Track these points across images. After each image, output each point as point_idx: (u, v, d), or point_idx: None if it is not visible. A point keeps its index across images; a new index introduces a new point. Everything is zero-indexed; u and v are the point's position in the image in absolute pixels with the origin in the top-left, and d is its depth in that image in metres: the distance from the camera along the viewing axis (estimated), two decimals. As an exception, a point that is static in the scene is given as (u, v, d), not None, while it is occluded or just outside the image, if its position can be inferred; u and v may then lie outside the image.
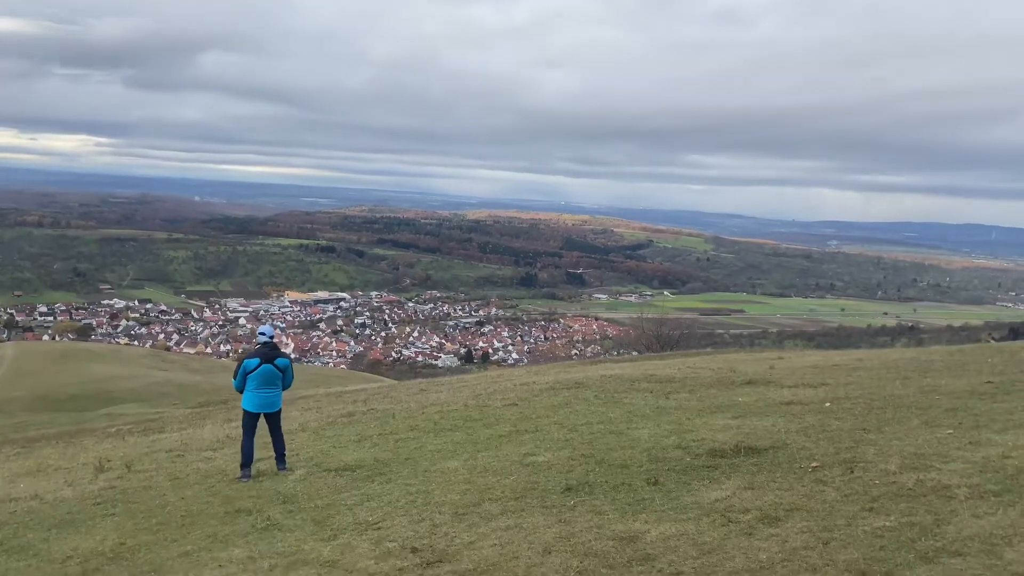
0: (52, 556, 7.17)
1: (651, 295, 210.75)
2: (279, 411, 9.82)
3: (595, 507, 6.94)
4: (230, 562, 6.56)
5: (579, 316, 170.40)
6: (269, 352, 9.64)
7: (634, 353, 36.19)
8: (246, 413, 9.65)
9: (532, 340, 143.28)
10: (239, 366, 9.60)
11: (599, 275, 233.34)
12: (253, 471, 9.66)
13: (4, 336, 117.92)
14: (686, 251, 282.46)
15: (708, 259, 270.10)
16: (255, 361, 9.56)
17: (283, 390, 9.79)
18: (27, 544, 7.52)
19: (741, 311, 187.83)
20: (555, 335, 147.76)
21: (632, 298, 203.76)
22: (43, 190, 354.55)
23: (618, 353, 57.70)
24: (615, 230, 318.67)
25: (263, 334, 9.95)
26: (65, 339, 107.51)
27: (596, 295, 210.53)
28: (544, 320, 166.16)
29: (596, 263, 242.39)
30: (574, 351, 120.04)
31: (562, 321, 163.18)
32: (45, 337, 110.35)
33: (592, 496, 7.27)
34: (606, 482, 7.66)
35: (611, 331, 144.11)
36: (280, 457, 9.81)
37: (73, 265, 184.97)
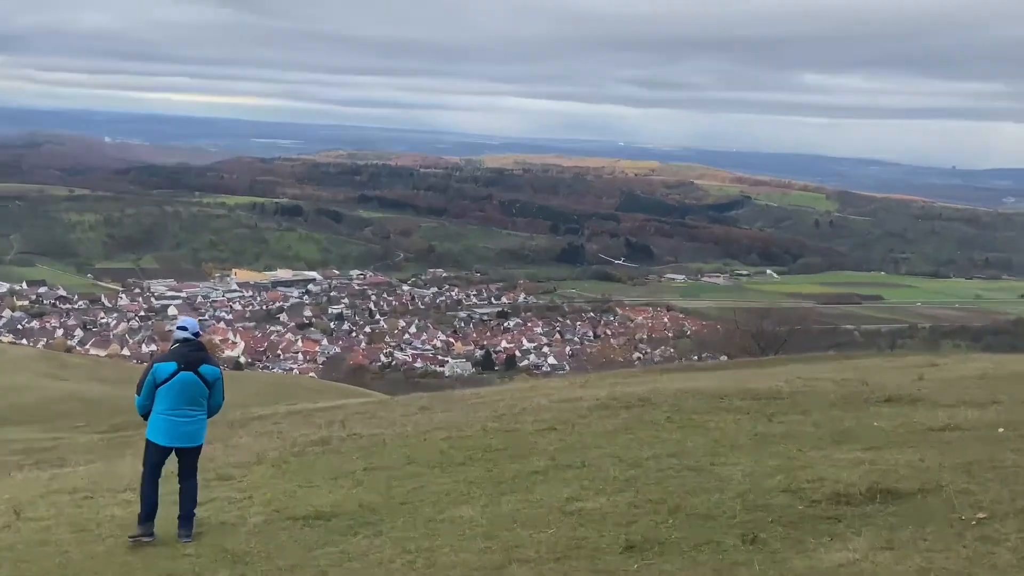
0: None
1: (748, 275, 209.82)
2: (199, 447, 9.55)
3: (667, 573, 6.92)
4: (159, 645, 6.68)
5: (644, 305, 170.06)
6: (191, 355, 9.35)
7: (723, 358, 36.04)
8: (152, 447, 9.36)
9: (577, 339, 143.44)
10: (145, 374, 9.32)
11: (673, 247, 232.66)
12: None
13: None
14: (799, 212, 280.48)
15: (831, 223, 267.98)
16: (170, 367, 9.25)
17: (208, 416, 9.53)
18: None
19: (878, 298, 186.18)
20: (609, 332, 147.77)
21: (720, 279, 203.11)
22: None
23: (700, 358, 57.51)
24: (696, 183, 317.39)
25: (183, 328, 9.62)
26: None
27: (669, 275, 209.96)
28: (594, 311, 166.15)
29: (669, 229, 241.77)
30: (637, 355, 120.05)
31: (619, 312, 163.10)
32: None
33: (663, 558, 7.25)
34: (683, 539, 7.63)
35: (690, 326, 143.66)
36: (186, 519, 9.39)
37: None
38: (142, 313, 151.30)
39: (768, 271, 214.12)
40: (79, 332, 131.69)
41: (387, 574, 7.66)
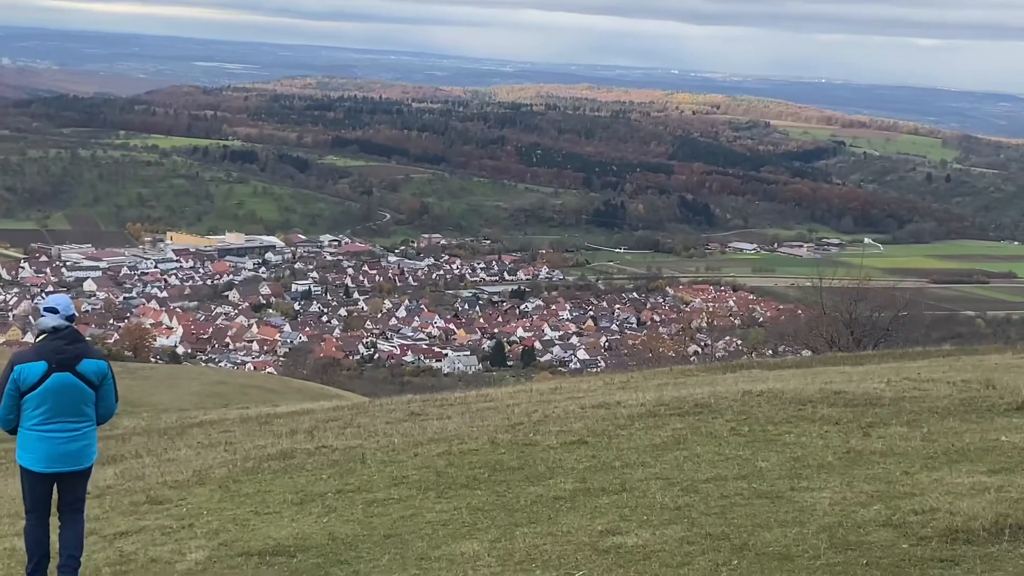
0: None
1: (839, 244, 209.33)
2: (88, 470, 9.24)
3: None
4: None
5: (702, 283, 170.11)
6: (67, 349, 8.98)
7: (805, 352, 35.97)
8: (28, 475, 9.04)
9: (615, 327, 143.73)
10: (4, 379, 8.90)
11: (742, 207, 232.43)
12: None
13: None
14: (907, 162, 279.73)
15: (948, 178, 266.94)
16: (38, 368, 8.87)
17: (97, 424, 9.20)
18: None
19: (1010, 275, 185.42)
20: (658, 318, 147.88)
21: (803, 250, 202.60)
22: None
23: (775, 352, 57.37)
24: (774, 123, 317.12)
25: (52, 311, 9.14)
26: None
27: (735, 244, 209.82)
28: (638, 290, 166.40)
29: (736, 185, 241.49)
30: (693, 347, 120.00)
31: (671, 292, 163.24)
32: None
33: None
34: None
35: (762, 311, 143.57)
36: (67, 569, 8.97)
37: None
38: (50, 288, 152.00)
39: (867, 240, 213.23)
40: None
41: (367, 627, 7.71)
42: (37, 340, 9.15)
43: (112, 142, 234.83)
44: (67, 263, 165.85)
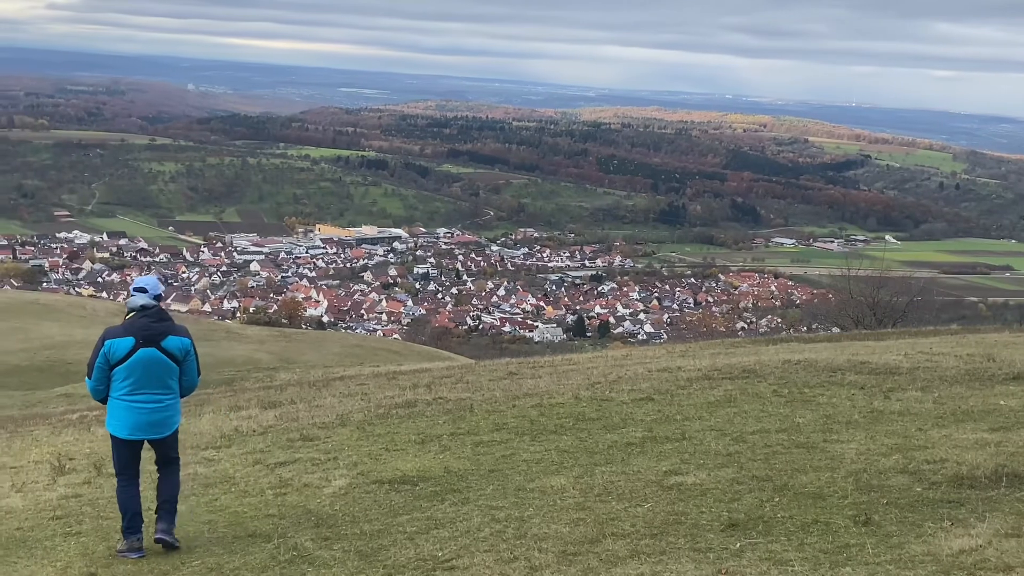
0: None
1: (865, 240, 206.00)
2: (174, 434, 8.67)
3: (772, 553, 6.91)
4: (241, 606, 6.91)
5: (749, 271, 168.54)
6: (153, 326, 8.36)
7: (835, 329, 35.53)
8: (117, 441, 8.48)
9: (676, 306, 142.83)
10: (96, 352, 8.29)
11: (783, 208, 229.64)
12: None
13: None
14: (922, 173, 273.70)
15: (957, 186, 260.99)
16: (126, 343, 8.25)
17: (181, 396, 8.63)
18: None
19: (1007, 268, 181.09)
20: (711, 299, 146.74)
21: (834, 245, 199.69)
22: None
23: (810, 328, 56.66)
24: (810, 139, 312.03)
25: (141, 291, 8.50)
26: (6, 287, 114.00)
27: (777, 239, 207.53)
28: (695, 276, 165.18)
29: (779, 190, 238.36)
30: (740, 324, 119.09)
31: (723, 278, 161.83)
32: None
33: (768, 538, 7.24)
34: (790, 518, 7.61)
35: (799, 294, 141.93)
36: (166, 512, 8.52)
37: (18, 182, 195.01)
38: (224, 268, 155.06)
39: (888, 237, 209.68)
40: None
41: (475, 543, 7.77)
42: (127, 317, 8.43)
43: (273, 152, 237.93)
44: (237, 248, 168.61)
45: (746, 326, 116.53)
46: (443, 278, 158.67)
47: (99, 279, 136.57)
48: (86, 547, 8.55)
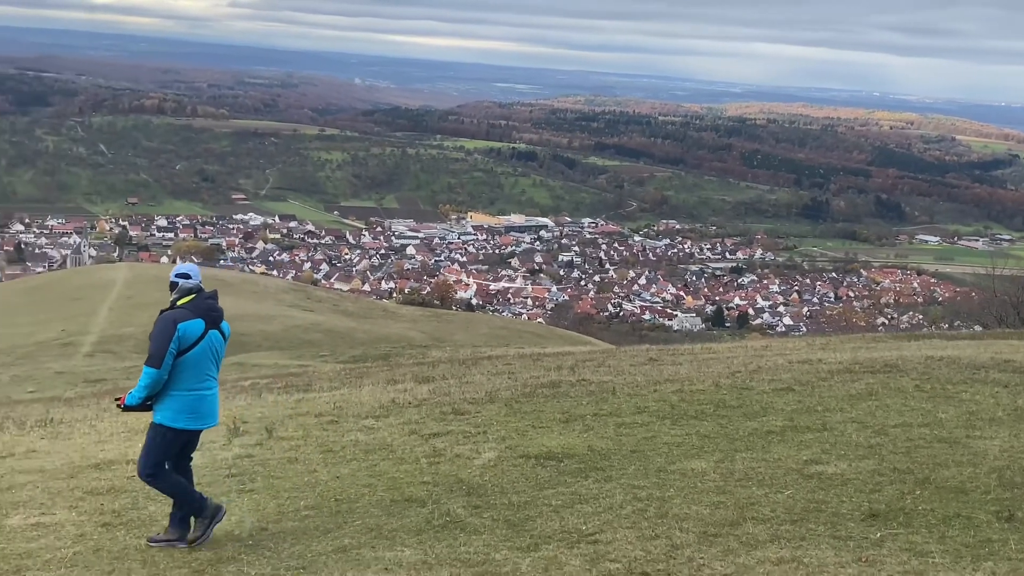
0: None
1: (1010, 239, 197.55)
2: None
3: (913, 545, 6.81)
4: (398, 565, 7.07)
5: (891, 267, 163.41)
6: (217, 307, 7.76)
7: (977, 328, 34.18)
8: (171, 433, 7.63)
9: (816, 299, 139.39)
10: (166, 338, 7.40)
11: (928, 206, 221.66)
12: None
13: (115, 255, 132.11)
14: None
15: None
16: (198, 325, 7.54)
17: None
18: (149, 518, 8.52)
19: None
20: (852, 294, 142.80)
21: (979, 243, 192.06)
22: (164, 64, 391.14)
23: (951, 326, 54.58)
24: (958, 138, 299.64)
25: (185, 276, 7.73)
26: (188, 263, 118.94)
27: (921, 236, 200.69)
28: (836, 271, 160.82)
29: (924, 187, 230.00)
30: (881, 319, 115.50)
31: (864, 274, 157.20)
32: (164, 259, 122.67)
33: (908, 529, 7.13)
34: (931, 511, 7.47)
35: (942, 292, 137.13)
36: (185, 518, 7.83)
37: (200, 166, 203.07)
38: (383, 251, 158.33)
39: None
40: (324, 266, 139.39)
41: (618, 519, 7.79)
42: (182, 300, 7.60)
43: (431, 143, 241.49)
44: (395, 233, 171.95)
45: (887, 322, 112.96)
46: (586, 266, 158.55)
47: (270, 258, 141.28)
48: (257, 503, 8.86)
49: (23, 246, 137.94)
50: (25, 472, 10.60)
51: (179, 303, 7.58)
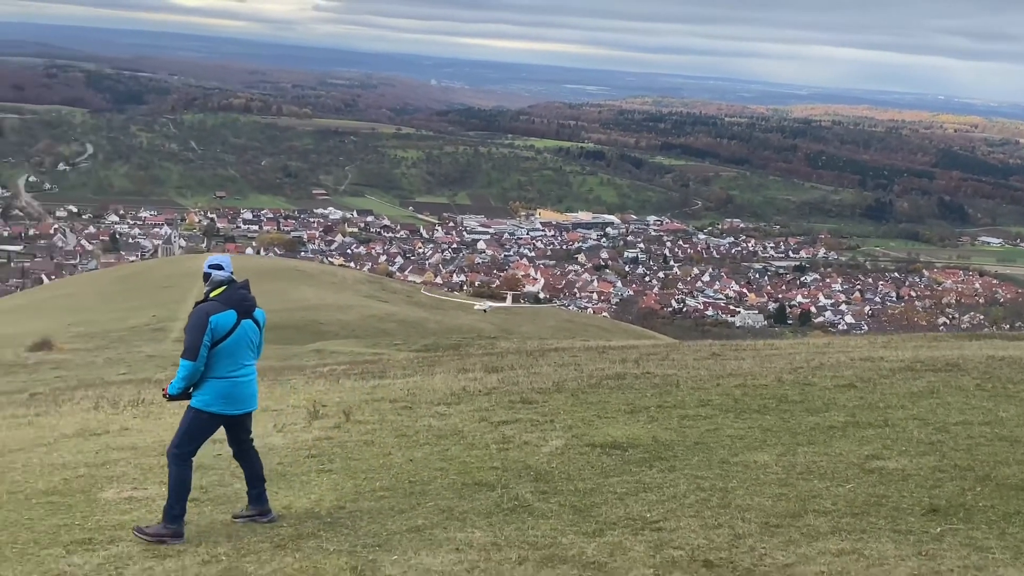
0: (262, 511, 8.21)
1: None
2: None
3: (973, 540, 6.70)
4: (469, 546, 7.13)
5: (953, 268, 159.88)
6: (250, 297, 7.75)
7: (1039, 329, 33.39)
8: (206, 416, 7.66)
9: (878, 299, 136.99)
10: (199, 332, 7.42)
11: (991, 208, 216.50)
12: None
13: (203, 245, 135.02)
14: None
15: None
16: (231, 316, 7.54)
17: None
18: (233, 495, 8.68)
19: None
20: (914, 294, 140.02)
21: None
22: (251, 66, 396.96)
23: (1013, 326, 53.33)
24: (1022, 141, 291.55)
25: (218, 267, 7.71)
26: (271, 254, 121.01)
27: (983, 238, 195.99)
28: (899, 271, 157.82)
29: (988, 190, 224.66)
30: (942, 319, 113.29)
31: (926, 274, 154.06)
32: (249, 250, 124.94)
33: (968, 524, 7.02)
34: (991, 508, 7.34)
35: (1004, 293, 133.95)
36: (261, 494, 7.98)
37: (283, 163, 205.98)
38: (454, 245, 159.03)
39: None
40: (399, 259, 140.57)
41: (681, 508, 7.76)
42: (214, 292, 7.61)
43: (502, 142, 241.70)
44: (467, 228, 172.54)
45: (948, 321, 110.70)
46: (651, 263, 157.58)
47: (348, 251, 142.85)
48: (336, 483, 8.99)
49: (118, 236, 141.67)
50: (119, 449, 10.90)
51: (212, 295, 7.62)
